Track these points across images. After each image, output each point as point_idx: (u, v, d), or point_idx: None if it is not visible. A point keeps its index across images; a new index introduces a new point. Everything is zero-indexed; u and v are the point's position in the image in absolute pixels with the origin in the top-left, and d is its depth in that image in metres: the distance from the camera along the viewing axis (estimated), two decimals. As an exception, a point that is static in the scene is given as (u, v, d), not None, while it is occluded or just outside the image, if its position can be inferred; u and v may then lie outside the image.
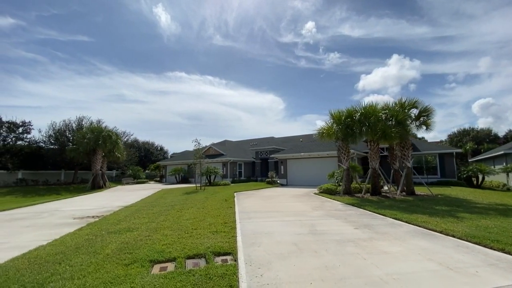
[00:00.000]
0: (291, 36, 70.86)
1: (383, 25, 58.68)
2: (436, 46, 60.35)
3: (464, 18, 53.93)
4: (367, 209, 9.08)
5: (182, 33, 71.69)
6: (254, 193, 16.02)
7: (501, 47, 55.62)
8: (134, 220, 7.57)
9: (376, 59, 69.76)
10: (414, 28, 56.70)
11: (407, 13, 57.62)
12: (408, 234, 5.84)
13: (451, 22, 55.05)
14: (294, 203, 11.00)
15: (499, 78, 62.11)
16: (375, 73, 71.34)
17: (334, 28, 66.27)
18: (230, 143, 38.05)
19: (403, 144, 12.77)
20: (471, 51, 58.80)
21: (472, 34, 55.06)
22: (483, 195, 12.75)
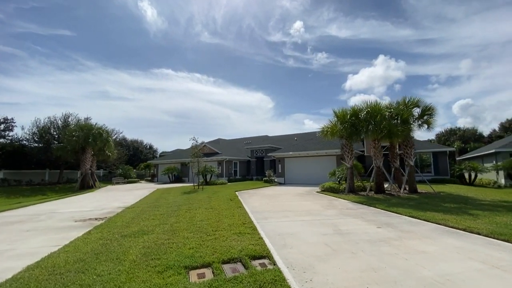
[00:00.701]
0: (279, 35, 71.02)
1: (369, 27, 59.93)
2: (419, 48, 62.37)
3: (445, 21, 55.97)
4: (378, 207, 9.06)
5: (169, 29, 70.13)
6: (255, 192, 15.77)
7: (481, 50, 58.26)
8: (144, 222, 7.13)
9: (363, 60, 71.19)
10: (399, 30, 58.28)
11: (392, 15, 59.14)
12: (433, 233, 5.80)
13: (433, 25, 57.00)
14: (301, 202, 10.85)
15: (478, 80, 65.05)
16: (361, 73, 72.81)
17: (322, 28, 67.03)
18: (224, 142, 37.56)
19: (405, 142, 12.92)
20: (452, 53, 61.22)
21: (453, 37, 57.35)
22: (481, 192, 13.14)
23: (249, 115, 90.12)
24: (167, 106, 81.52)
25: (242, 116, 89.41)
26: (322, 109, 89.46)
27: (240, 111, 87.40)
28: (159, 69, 72.66)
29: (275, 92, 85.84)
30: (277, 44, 73.33)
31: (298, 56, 75.17)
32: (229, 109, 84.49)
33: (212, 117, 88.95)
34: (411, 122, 12.47)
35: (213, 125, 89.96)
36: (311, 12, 65.87)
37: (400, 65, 68.53)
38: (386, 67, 70.26)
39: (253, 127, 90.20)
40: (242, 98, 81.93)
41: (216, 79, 78.36)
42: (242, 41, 71.80)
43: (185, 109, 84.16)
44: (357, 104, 12.76)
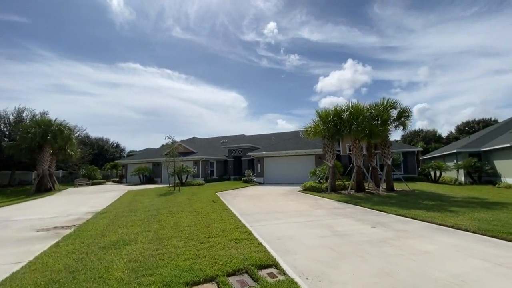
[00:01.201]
0: (253, 35, 71.08)
1: (339, 32, 62.56)
2: (383, 55, 66.56)
3: (406, 31, 60.48)
4: (364, 206, 9.18)
5: (137, 21, 66.27)
6: (237, 192, 15.31)
7: (436, 59, 64.01)
8: (122, 230, 6.35)
9: (333, 63, 74.04)
10: (365, 37, 61.67)
11: (359, 22, 62.35)
12: (426, 231, 5.91)
13: (396, 34, 61.24)
14: (288, 202, 10.68)
15: (433, 87, 71.33)
16: (332, 76, 75.71)
17: (295, 30, 68.46)
18: (200, 141, 36.37)
19: (383, 142, 13.43)
20: (412, 61, 66.24)
21: (413, 47, 62.10)
22: (448, 190, 14.15)
23: (222, 114, 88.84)
24: (134, 103, 77.01)
25: (215, 115, 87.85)
26: (295, 110, 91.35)
27: (213, 110, 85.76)
28: (125, 63, 68.31)
29: (249, 91, 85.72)
30: (251, 44, 73.27)
31: (272, 57, 75.88)
32: (201, 107, 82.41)
33: (184, 115, 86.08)
34: (390, 123, 13.00)
35: (185, 123, 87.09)
36: (284, 14, 66.87)
37: (367, 70, 72.51)
38: (354, 71, 73.86)
39: (227, 126, 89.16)
40: (215, 97, 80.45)
41: (188, 76, 75.94)
42: (215, 38, 70.47)
43: (154, 106, 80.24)
44: (339, 104, 12.99)
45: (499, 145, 16.62)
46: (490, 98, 68.28)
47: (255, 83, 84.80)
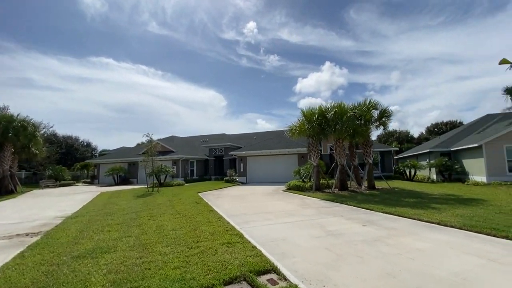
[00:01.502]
0: (233, 34, 70.61)
1: (317, 35, 64.19)
2: (359, 59, 69.46)
3: (379, 37, 63.59)
4: (350, 205, 9.23)
5: (110, 13, 62.98)
6: (219, 192, 14.87)
7: (406, 64, 67.95)
8: (98, 236, 5.74)
9: (311, 65, 75.74)
10: (342, 41, 63.89)
11: (336, 26, 64.47)
12: (415, 228, 5.98)
13: (370, 39, 64.14)
14: (275, 202, 10.49)
15: (403, 90, 75.68)
16: (310, 77, 77.40)
17: (274, 31, 69.07)
18: (179, 139, 35.18)
19: (365, 142, 13.74)
20: (385, 65, 69.75)
21: (386, 52, 65.45)
22: (424, 187, 14.83)
23: (201, 112, 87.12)
24: (107, 99, 72.99)
25: (193, 114, 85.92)
26: (274, 110, 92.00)
27: (191, 108, 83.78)
28: (97, 57, 64.62)
29: (228, 90, 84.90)
30: (231, 42, 72.73)
31: (252, 56, 75.88)
32: (179, 105, 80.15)
33: (160, 113, 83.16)
34: (371, 123, 13.31)
35: (162, 121, 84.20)
36: (264, 14, 67.12)
37: (344, 72, 75.10)
38: (331, 73, 76.10)
39: (205, 125, 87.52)
40: (193, 95, 78.66)
41: (164, 72, 73.47)
42: (194, 35, 68.91)
43: (128, 103, 76.63)
44: (324, 104, 13.05)
45: (467, 145, 17.76)
46: (454, 102, 73.80)
47: (234, 82, 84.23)
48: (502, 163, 15.97)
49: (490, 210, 7.54)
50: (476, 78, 61.36)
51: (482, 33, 54.30)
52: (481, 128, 22.21)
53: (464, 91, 67.89)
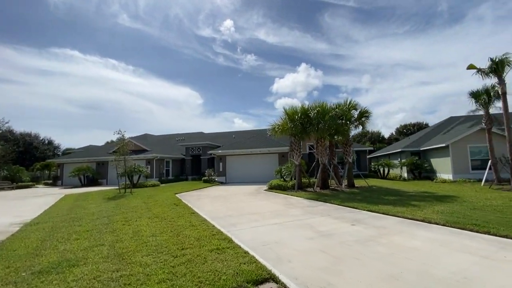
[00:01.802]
0: (209, 31, 69.47)
1: (293, 36, 65.54)
2: (332, 62, 72.31)
3: (352, 42, 66.67)
4: (334, 203, 9.22)
5: (75, 2, 58.57)
6: (199, 193, 14.24)
7: (376, 69, 71.90)
8: (64, 246, 5.01)
9: (288, 66, 77.02)
10: (317, 44, 65.96)
11: (312, 29, 66.35)
12: (402, 226, 6.02)
13: (343, 44, 67.00)
14: (259, 202, 10.19)
15: (373, 93, 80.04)
16: (287, 78, 78.77)
17: (251, 31, 69.21)
18: (153, 138, 33.52)
19: (345, 141, 13.97)
20: (356, 69, 73.16)
21: (357, 56, 68.64)
22: (399, 185, 15.47)
23: (175, 110, 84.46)
24: (72, 94, 67.96)
25: (167, 111, 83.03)
26: (251, 109, 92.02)
27: (165, 106, 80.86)
28: (60, 48, 59.80)
29: (205, 88, 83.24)
30: (207, 40, 71.40)
31: (229, 55, 75.21)
32: (151, 102, 76.93)
33: (131, 110, 79.20)
34: (352, 123, 13.57)
35: (133, 119, 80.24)
36: (241, 13, 66.87)
37: (319, 74, 77.47)
38: (307, 74, 78.08)
39: (180, 123, 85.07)
40: (167, 92, 75.96)
41: (136, 68, 70.05)
42: (169, 30, 66.50)
43: (96, 99, 71.97)
44: (306, 103, 13.03)
45: (435, 145, 18.93)
46: (417, 105, 79.43)
47: (211, 80, 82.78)
48: (466, 162, 17.22)
49: (465, 206, 7.91)
50: (436, 84, 66.67)
51: (441, 43, 59.03)
52: (446, 129, 23.89)
53: (426, 95, 73.47)
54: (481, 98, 14.56)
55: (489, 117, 14.55)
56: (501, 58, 12.24)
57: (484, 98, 14.42)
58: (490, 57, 12.55)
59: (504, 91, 12.30)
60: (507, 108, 12.27)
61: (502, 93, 12.36)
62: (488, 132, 14.60)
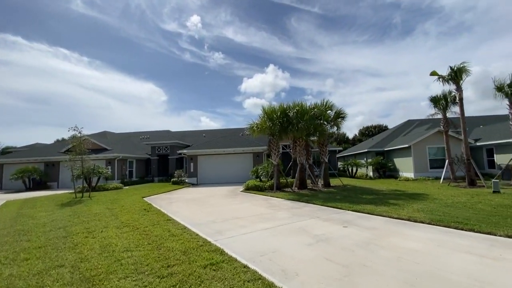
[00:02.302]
0: (175, 25, 66.67)
1: (261, 37, 66.21)
2: (298, 65, 74.69)
3: (316, 47, 69.73)
4: (318, 204, 9.08)
5: (24, -19, 51.55)
6: (170, 196, 13.15)
7: (338, 73, 76.23)
8: (10, 269, 3.92)
9: (256, 67, 77.50)
10: (284, 46, 67.57)
11: (279, 32, 67.75)
12: (392, 226, 6.01)
13: (308, 48, 69.71)
14: (240, 205, 9.62)
15: (336, 96, 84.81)
16: (255, 78, 79.24)
17: (219, 28, 68.21)
18: (113, 136, 30.68)
19: (322, 141, 14.10)
20: (321, 73, 76.68)
21: (321, 61, 71.99)
22: (369, 183, 16.14)
23: (137, 107, 79.33)
24: (13, 86, 59.56)
25: (128, 108, 77.61)
26: (219, 108, 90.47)
27: (125, 102, 75.45)
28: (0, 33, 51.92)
29: (169, 84, 79.54)
30: (173, 34, 68.33)
31: (195, 52, 72.98)
32: (110, 98, 71.13)
33: (86, 106, 72.36)
34: (328, 123, 13.72)
35: (88, 115, 73.47)
36: (208, 10, 65.40)
37: (286, 76, 79.36)
38: (275, 75, 79.42)
39: (142, 121, 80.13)
40: (128, 87, 70.93)
41: (92, 59, 64.08)
42: (130, 21, 62.08)
43: (43, 92, 64.15)
44: (285, 102, 12.83)
45: (398, 146, 20.27)
46: (374, 109, 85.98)
47: (176, 77, 79.38)
48: (425, 162, 18.70)
49: (438, 204, 8.32)
50: (390, 90, 72.89)
51: (395, 53, 64.60)
52: (405, 131, 25.85)
53: (382, 100, 79.89)
54: (440, 103, 15.87)
55: (446, 120, 15.91)
56: (459, 66, 13.37)
57: (442, 103, 15.72)
58: (450, 65, 13.66)
59: (461, 97, 13.47)
60: (464, 112, 13.47)
61: (459, 99, 13.52)
62: (446, 134, 15.97)
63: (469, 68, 13.18)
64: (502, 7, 54.74)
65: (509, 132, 17.51)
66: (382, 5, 60.79)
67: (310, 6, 59.08)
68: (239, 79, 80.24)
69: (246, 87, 79.36)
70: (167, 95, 78.07)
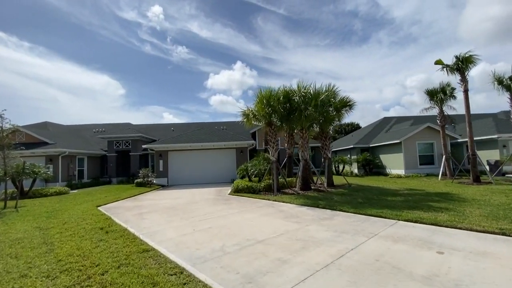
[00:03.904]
0: (134, 14, 60.34)
1: (227, 34, 63.90)
2: (264, 64, 74.16)
3: (281, 47, 69.97)
4: (348, 211, 6.94)
5: None
6: (138, 204, 9.91)
7: (303, 75, 77.33)
8: None
9: (222, 63, 74.75)
10: (250, 45, 66.31)
11: (245, 30, 66.24)
12: (483, 243, 4.08)
13: (274, 48, 69.58)
14: (243, 216, 6.99)
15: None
16: (222, 74, 76.48)
17: (183, 22, 64.07)
18: (58, 128, 25.14)
19: (325, 134, 12.14)
20: (286, 73, 76.86)
21: (286, 61, 72.30)
22: (367, 181, 14.72)
23: (89, 100, 70.38)
24: None
25: (78, 101, 68.37)
26: (183, 105, 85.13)
27: (75, 94, 66.19)
28: None
29: (127, 77, 72.07)
30: (131, 23, 61.76)
31: (157, 44, 67.20)
32: (57, 89, 61.51)
33: (26, 98, 61.66)
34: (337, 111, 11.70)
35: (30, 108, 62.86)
36: (172, 1, 60.60)
37: (254, 74, 78.12)
38: (242, 73, 77.55)
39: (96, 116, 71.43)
40: (79, 78, 62.20)
41: (34, 45, 54.48)
42: (81, 6, 53.96)
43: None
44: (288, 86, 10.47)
45: (387, 142, 19.44)
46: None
47: (135, 69, 72.27)
48: (415, 158, 18.07)
49: (489, 207, 6.80)
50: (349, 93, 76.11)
51: (353, 58, 67.50)
52: (384, 128, 25.55)
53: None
54: (437, 96, 15.09)
55: (443, 115, 15.21)
56: (465, 56, 12.50)
57: (440, 96, 14.96)
58: (455, 55, 12.78)
59: (467, 89, 12.64)
60: (469, 104, 12.65)
61: (465, 90, 12.68)
62: (442, 129, 15.29)
63: (476, 57, 12.36)
64: (442, 23, 61.02)
65: (487, 128, 17.72)
66: (342, 12, 63.17)
67: (276, 7, 58.48)
68: (204, 75, 76.19)
69: (212, 83, 75.72)
70: (124, 88, 70.47)
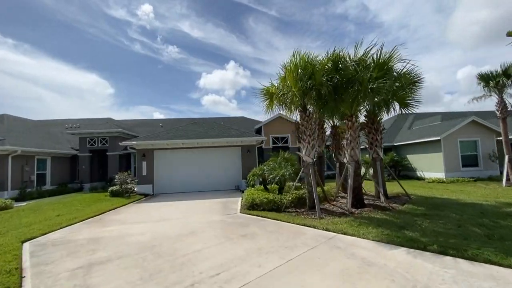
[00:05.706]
0: (123, 12, 56.11)
1: (219, 34, 61.22)
2: (256, 65, 71.92)
3: (272, 48, 68.29)
4: (492, 263, 3.52)
5: None
6: (96, 236, 6.13)
7: None
8: None
9: (214, 63, 71.89)
10: (242, 46, 63.75)
11: (237, 30, 63.71)
12: None
13: (265, 49, 67.66)
14: (306, 279, 3.42)
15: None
16: (215, 74, 73.67)
17: (174, 21, 60.68)
18: (16, 120, 20.70)
19: (375, 125, 8.74)
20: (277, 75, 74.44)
21: (277, 63, 69.90)
22: (410, 187, 11.42)
23: (77, 100, 65.28)
24: None
25: (65, 101, 63.13)
26: (174, 105, 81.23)
27: (61, 93, 60.91)
28: None
29: (116, 77, 67.44)
30: (120, 22, 57.55)
31: (147, 43, 63.37)
32: (42, 88, 56.25)
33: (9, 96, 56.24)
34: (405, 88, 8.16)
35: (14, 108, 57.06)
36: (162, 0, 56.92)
37: (247, 74, 75.58)
38: (236, 73, 75.07)
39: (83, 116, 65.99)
40: (65, 77, 57.13)
41: (18, 42, 49.11)
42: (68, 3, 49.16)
43: None
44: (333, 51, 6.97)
45: (421, 139, 16.30)
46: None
47: (125, 68, 67.76)
48: (457, 158, 14.98)
49: None
50: None
51: None
52: (403, 125, 22.53)
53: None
54: (497, 80, 11.99)
55: (504, 104, 12.13)
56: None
57: (502, 80, 11.86)
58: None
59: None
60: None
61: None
62: (503, 122, 12.18)
63: None
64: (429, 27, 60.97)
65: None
66: (333, 15, 61.81)
67: (268, 9, 56.16)
68: (196, 75, 72.81)
69: (205, 83, 72.45)
70: (113, 88, 65.91)
